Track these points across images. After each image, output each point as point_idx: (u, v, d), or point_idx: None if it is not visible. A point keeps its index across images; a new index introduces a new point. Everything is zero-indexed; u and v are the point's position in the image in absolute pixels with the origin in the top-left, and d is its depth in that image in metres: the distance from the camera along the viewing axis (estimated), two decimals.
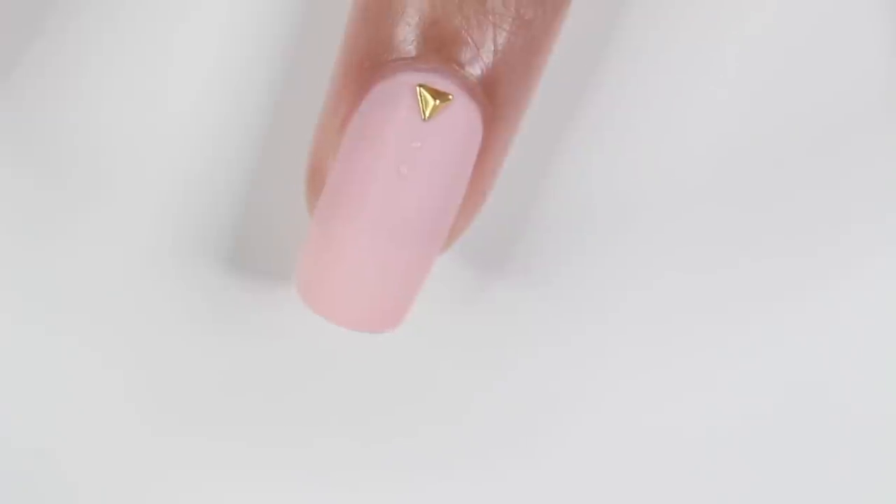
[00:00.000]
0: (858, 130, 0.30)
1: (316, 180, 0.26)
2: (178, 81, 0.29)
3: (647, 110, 0.29)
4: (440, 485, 0.29)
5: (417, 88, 0.25)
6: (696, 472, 0.29)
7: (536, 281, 0.29)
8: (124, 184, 0.29)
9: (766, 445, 0.29)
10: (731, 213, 0.29)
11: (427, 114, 0.25)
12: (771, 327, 0.29)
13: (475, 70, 0.25)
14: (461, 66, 0.25)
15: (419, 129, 0.25)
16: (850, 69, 0.30)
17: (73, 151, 0.28)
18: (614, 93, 0.29)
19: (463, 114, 0.25)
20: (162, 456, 0.28)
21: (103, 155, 0.29)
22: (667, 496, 0.29)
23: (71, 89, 0.29)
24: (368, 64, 0.25)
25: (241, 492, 0.29)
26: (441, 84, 0.25)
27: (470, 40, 0.25)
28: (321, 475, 0.29)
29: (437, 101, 0.25)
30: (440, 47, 0.25)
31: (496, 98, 0.26)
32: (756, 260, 0.29)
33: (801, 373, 0.29)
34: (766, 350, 0.29)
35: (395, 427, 0.29)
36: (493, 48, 0.25)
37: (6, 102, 0.28)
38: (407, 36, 0.25)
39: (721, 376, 0.29)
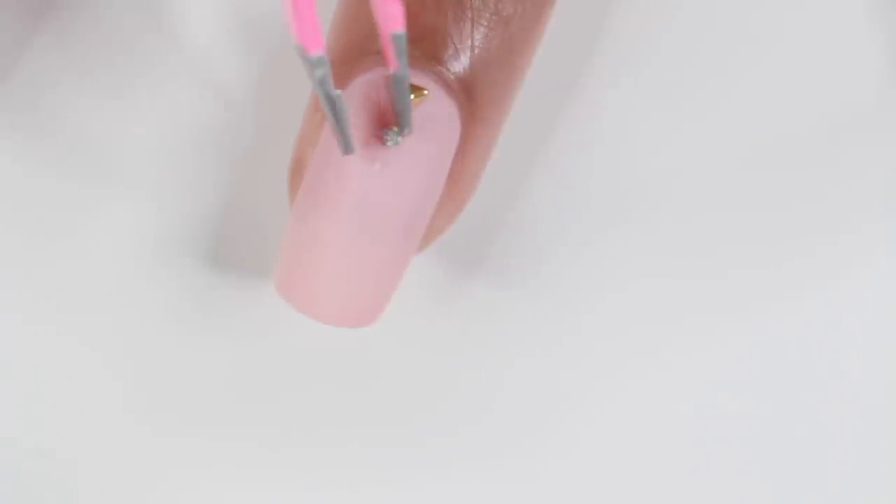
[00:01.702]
0: (857, 133, 0.30)
1: (298, 175, 0.26)
2: (164, 82, 0.29)
3: (631, 113, 0.29)
4: (417, 482, 0.29)
5: None
6: (675, 474, 0.29)
7: (514, 281, 0.29)
8: (107, 184, 0.29)
9: (752, 448, 0.29)
10: (715, 216, 0.29)
11: None
12: (757, 330, 0.29)
13: (453, 66, 0.25)
14: (439, 61, 0.25)
15: (394, 123, 0.25)
16: (849, 72, 0.30)
17: (58, 152, 0.29)
18: (597, 95, 0.29)
19: (439, 109, 0.25)
20: (160, 455, 0.29)
21: (87, 155, 0.29)
22: (648, 497, 0.29)
23: (60, 89, 0.29)
24: (349, 58, 0.25)
25: (240, 491, 0.29)
26: (416, 79, 0.25)
27: (448, 37, 0.25)
28: (307, 473, 0.29)
29: (413, 96, 0.25)
30: (418, 42, 0.25)
31: (475, 96, 0.26)
32: (742, 263, 0.29)
33: (794, 376, 0.29)
34: (746, 352, 0.29)
35: (380, 426, 0.29)
36: (470, 45, 0.25)
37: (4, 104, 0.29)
38: None
39: (702, 378, 0.29)
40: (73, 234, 0.29)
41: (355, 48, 0.26)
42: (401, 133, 0.24)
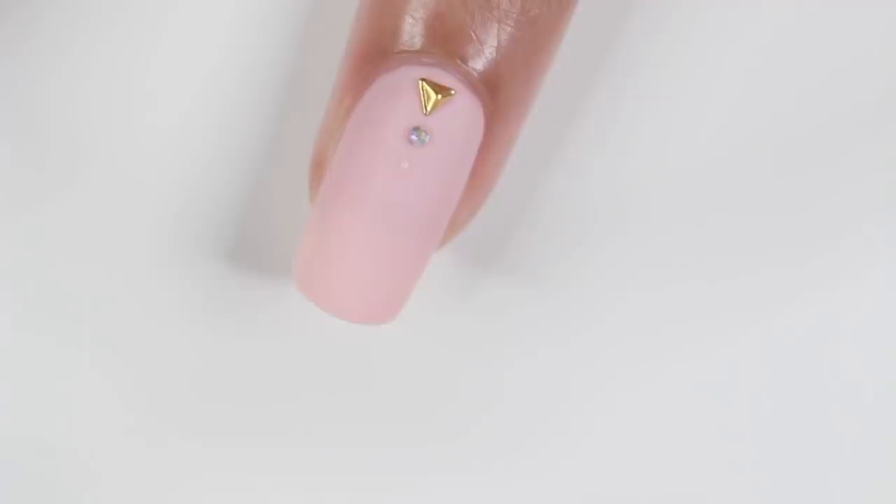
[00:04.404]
0: (858, 134, 0.30)
1: (319, 172, 0.26)
2: (182, 77, 0.29)
3: (646, 113, 0.30)
4: (430, 481, 0.29)
5: (420, 82, 0.25)
6: (679, 474, 0.29)
7: (528, 280, 0.29)
8: (127, 181, 0.29)
9: (756, 450, 0.29)
10: (727, 218, 0.29)
11: (428, 108, 0.25)
12: (765, 332, 0.29)
13: (478, 66, 0.25)
14: (465, 61, 0.25)
15: (420, 122, 0.25)
16: (852, 76, 0.30)
17: (76, 149, 0.29)
18: (614, 95, 0.29)
19: (464, 108, 0.25)
20: (164, 455, 0.28)
21: (106, 152, 0.29)
22: (656, 497, 0.29)
23: (72, 85, 0.29)
24: (373, 55, 0.26)
25: (243, 491, 0.29)
26: (443, 78, 0.25)
27: (474, 36, 0.25)
28: (319, 473, 0.29)
29: (439, 96, 0.25)
30: (444, 42, 0.25)
31: (499, 95, 0.26)
32: (753, 265, 0.29)
33: (793, 380, 0.29)
34: (754, 354, 0.29)
35: (392, 426, 0.29)
36: (496, 44, 0.25)
37: (6, 101, 0.29)
38: (412, 29, 0.25)
39: (714, 379, 0.29)
40: (89, 233, 0.28)
41: (378, 48, 0.26)
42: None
